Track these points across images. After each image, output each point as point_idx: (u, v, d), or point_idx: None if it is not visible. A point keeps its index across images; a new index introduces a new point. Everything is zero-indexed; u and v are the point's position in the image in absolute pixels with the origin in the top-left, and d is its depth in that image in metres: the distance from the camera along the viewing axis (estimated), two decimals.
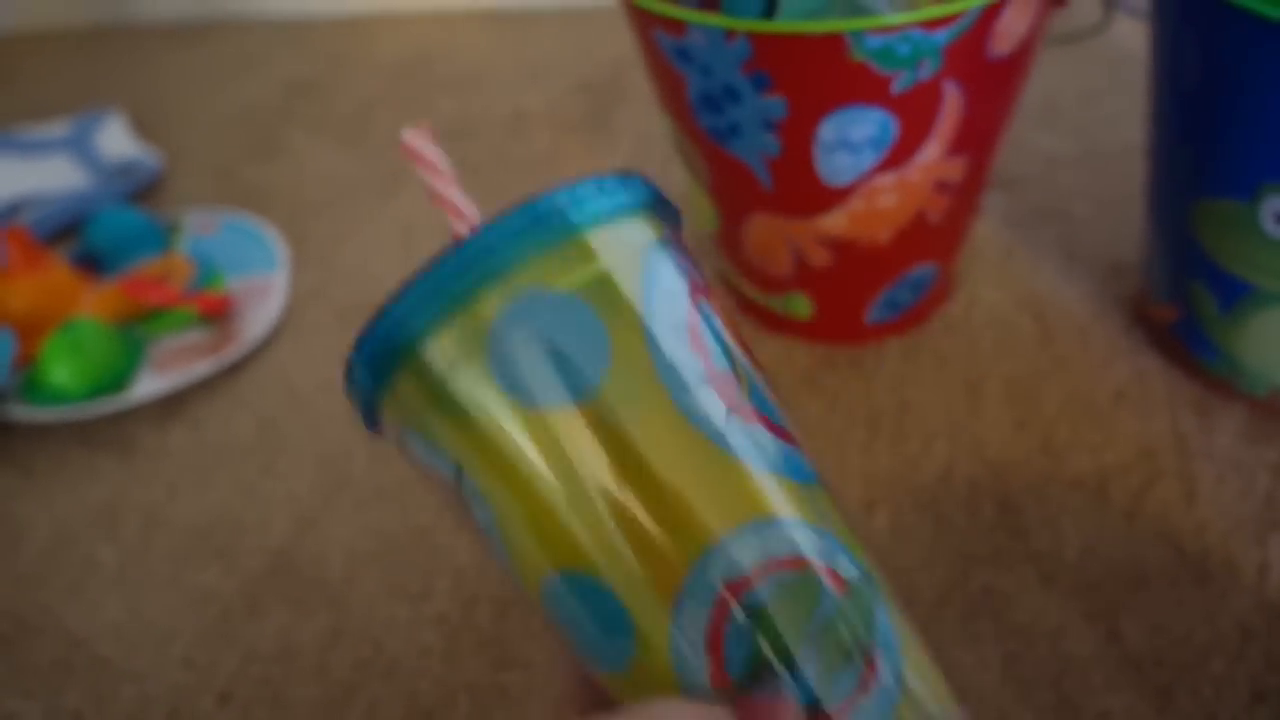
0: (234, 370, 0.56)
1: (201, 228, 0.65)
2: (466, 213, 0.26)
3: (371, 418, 0.25)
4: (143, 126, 0.79)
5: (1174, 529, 0.41)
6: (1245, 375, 0.43)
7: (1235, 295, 0.41)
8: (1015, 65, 0.39)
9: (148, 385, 0.54)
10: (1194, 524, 0.41)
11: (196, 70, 0.87)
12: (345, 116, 0.77)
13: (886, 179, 0.41)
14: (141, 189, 0.72)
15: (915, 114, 0.38)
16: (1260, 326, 0.41)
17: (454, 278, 0.22)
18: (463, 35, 0.85)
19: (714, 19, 0.36)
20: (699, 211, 0.50)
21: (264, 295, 0.60)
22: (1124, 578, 0.40)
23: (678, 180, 0.62)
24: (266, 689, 0.42)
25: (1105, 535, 0.41)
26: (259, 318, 0.58)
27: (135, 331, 0.57)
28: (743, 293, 0.52)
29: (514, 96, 0.75)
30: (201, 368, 0.55)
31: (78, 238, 0.65)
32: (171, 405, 0.55)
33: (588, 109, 0.72)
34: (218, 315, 0.58)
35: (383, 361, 0.23)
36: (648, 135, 0.68)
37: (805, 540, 0.22)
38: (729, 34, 0.36)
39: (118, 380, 0.55)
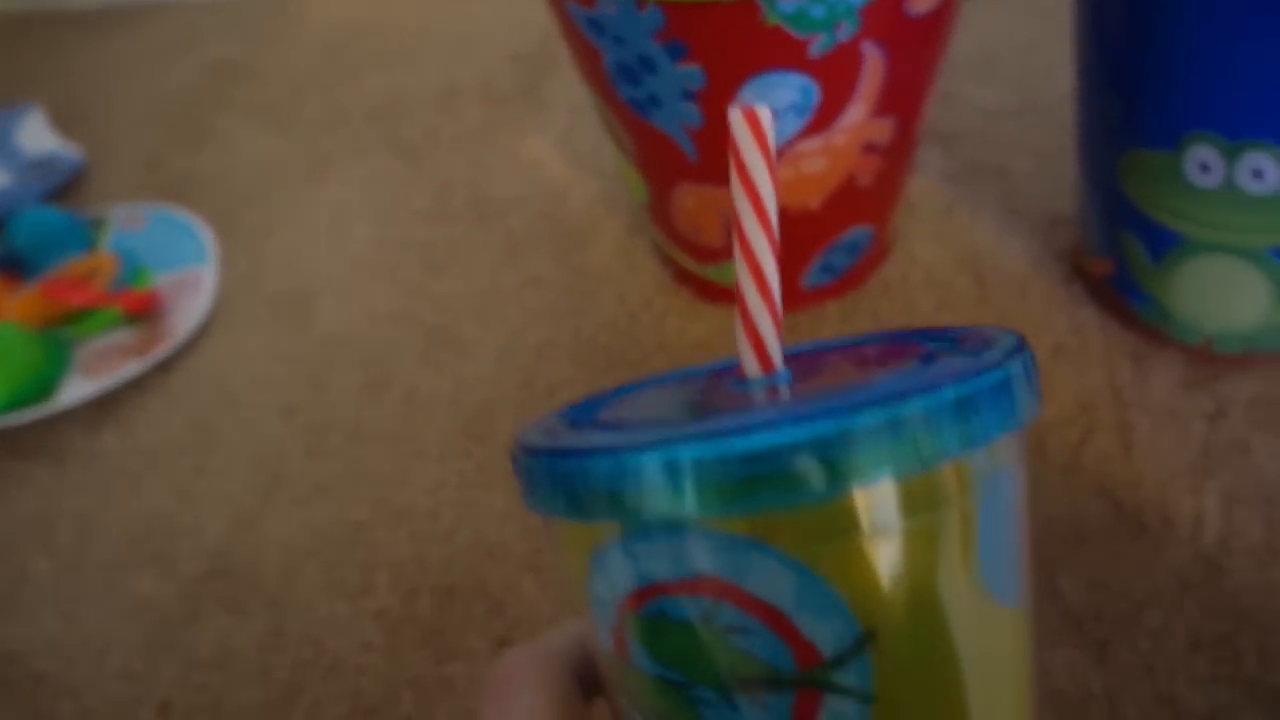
0: (164, 369, 0.55)
1: (127, 222, 0.63)
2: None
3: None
4: (63, 119, 0.76)
5: (1111, 482, 0.41)
6: (1178, 324, 0.43)
7: (1165, 245, 0.41)
8: (936, 22, 0.38)
9: (76, 390, 0.53)
10: (1131, 476, 0.41)
11: (118, 57, 0.84)
12: (274, 98, 0.75)
13: (812, 144, 0.40)
14: (64, 185, 0.70)
15: (836, 77, 0.37)
16: (1190, 275, 0.41)
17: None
18: (391, 8, 0.82)
19: None
20: (629, 183, 0.49)
21: (193, 289, 0.58)
22: (1062, 534, 0.40)
23: (612, 153, 0.61)
24: (207, 696, 0.41)
25: (1044, 491, 0.41)
26: (188, 313, 0.56)
27: (60, 335, 0.56)
28: (679, 263, 0.51)
29: (446, 70, 0.73)
30: (131, 368, 0.53)
31: None
32: (102, 409, 0.53)
33: (520, 80, 0.71)
34: (145, 313, 0.57)
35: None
36: (582, 106, 0.67)
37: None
38: (640, 3, 0.35)
39: (44, 386, 0.53)
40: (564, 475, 0.17)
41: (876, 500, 0.16)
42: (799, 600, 0.16)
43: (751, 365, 0.20)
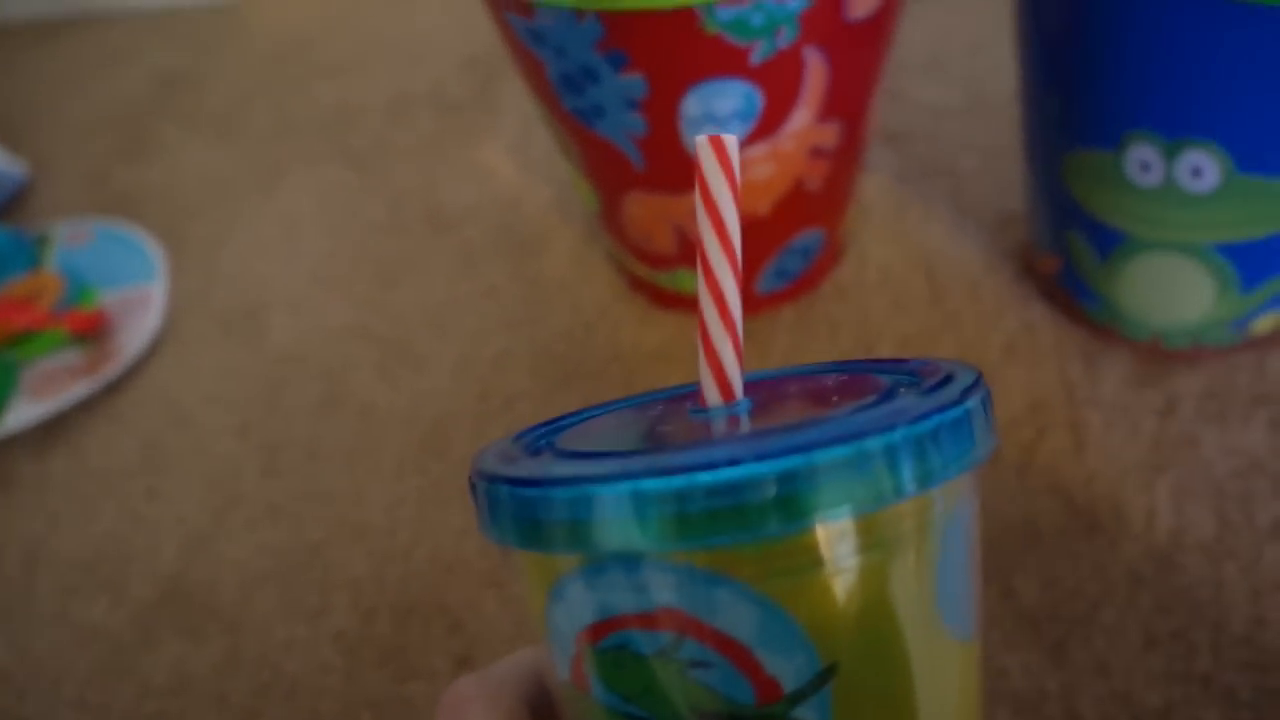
0: (114, 389, 0.54)
1: (72, 239, 0.62)
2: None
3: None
4: (4, 133, 0.75)
5: (1064, 481, 0.41)
6: (1127, 321, 0.44)
7: (1110, 244, 0.41)
8: (877, 26, 0.38)
9: (22, 413, 0.52)
10: (1084, 474, 0.41)
11: (59, 69, 0.82)
12: (220, 109, 0.73)
13: (758, 150, 0.40)
14: (5, 202, 0.68)
15: (779, 83, 0.37)
16: (1136, 273, 0.41)
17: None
18: (340, 15, 0.81)
19: (561, 0, 0.34)
20: (580, 192, 0.48)
21: (142, 307, 0.57)
22: (1017, 534, 0.40)
23: (562, 161, 0.61)
24: None
25: (999, 493, 0.41)
26: (137, 332, 0.55)
27: (5, 357, 0.55)
28: (632, 271, 0.51)
29: (396, 78, 0.73)
30: (78, 390, 0.52)
31: None
32: (49, 432, 0.52)
33: (472, 88, 0.70)
34: (92, 333, 0.56)
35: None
36: (534, 113, 0.66)
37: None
38: (578, 14, 0.34)
39: None
40: (524, 504, 0.17)
41: (838, 535, 0.16)
42: (761, 634, 0.16)
43: (712, 394, 0.20)
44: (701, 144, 0.19)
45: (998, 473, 0.42)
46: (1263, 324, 0.42)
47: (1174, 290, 0.41)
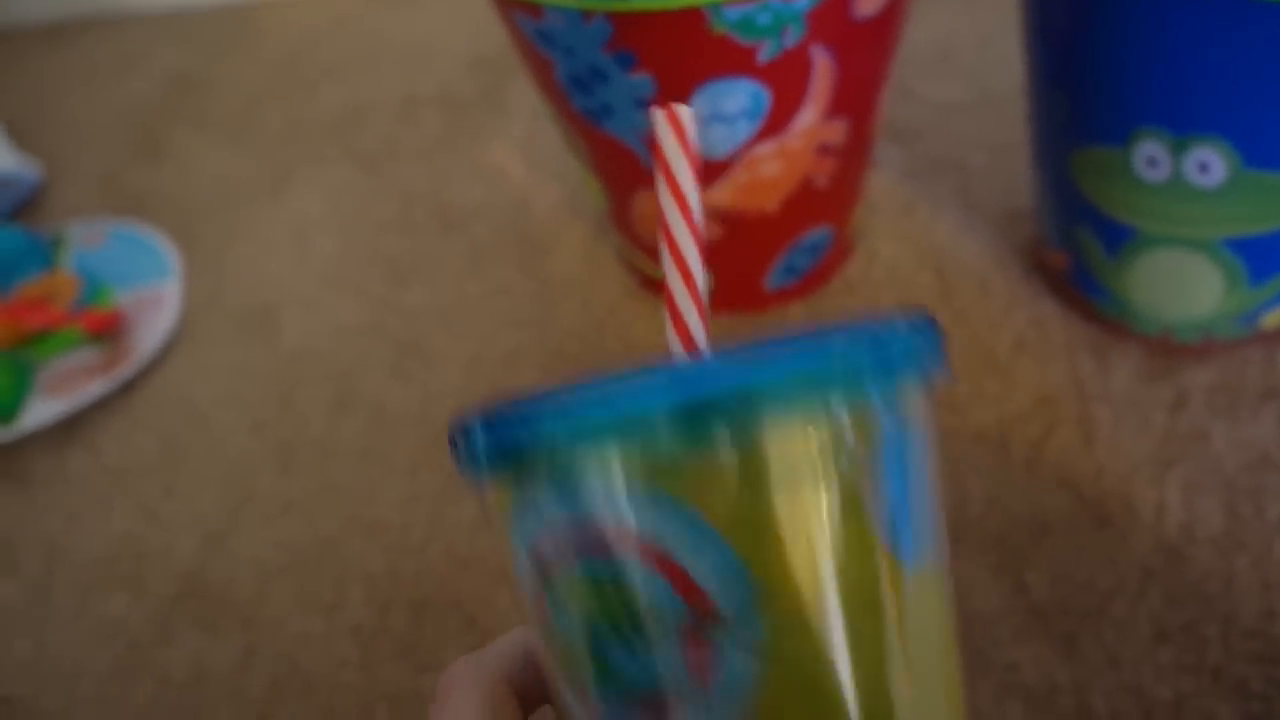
0: (129, 388, 0.54)
1: (87, 240, 0.63)
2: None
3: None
4: (18, 135, 0.75)
5: (1074, 475, 0.41)
6: (1137, 317, 0.44)
7: (1120, 240, 0.41)
8: (884, 24, 0.39)
9: (40, 412, 0.52)
10: (1093, 468, 0.41)
11: (72, 72, 0.83)
12: (230, 111, 0.74)
13: (766, 148, 0.40)
14: (21, 203, 0.69)
15: (786, 82, 0.38)
16: (1146, 268, 0.41)
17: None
18: (348, 17, 0.82)
19: (568, 0, 0.34)
20: (590, 190, 0.48)
21: (156, 307, 0.57)
22: (1027, 529, 0.40)
23: (571, 160, 0.61)
24: (181, 717, 0.41)
25: (1008, 487, 0.41)
26: (152, 331, 0.56)
27: (22, 356, 0.55)
28: (642, 269, 0.51)
29: (404, 79, 0.73)
30: (95, 389, 0.53)
31: None
32: (66, 430, 0.53)
33: (480, 88, 0.71)
34: (108, 332, 0.56)
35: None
36: (543, 112, 0.66)
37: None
38: (586, 14, 0.35)
39: (7, 409, 0.52)
40: (490, 427, 0.18)
41: (775, 451, 0.17)
42: (695, 551, 0.17)
43: (676, 346, 0.21)
44: (657, 116, 0.20)
45: (1007, 467, 0.42)
46: (1272, 318, 0.42)
47: (1183, 285, 0.41)
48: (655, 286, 0.51)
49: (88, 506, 0.50)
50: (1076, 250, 0.44)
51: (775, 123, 0.39)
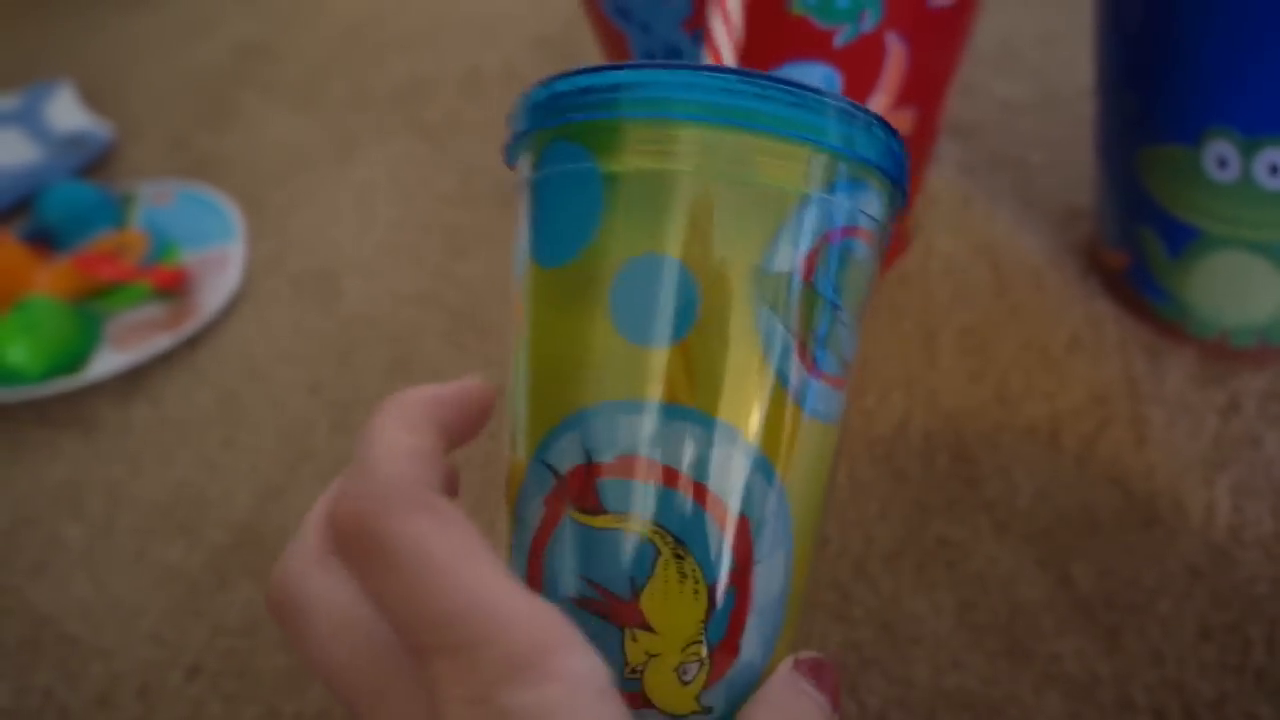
0: (193, 344, 0.56)
1: (155, 199, 0.64)
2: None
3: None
4: (92, 96, 0.77)
5: (1124, 473, 0.41)
6: (1195, 319, 0.44)
7: (1183, 240, 0.41)
8: (959, 14, 0.39)
9: (106, 362, 0.54)
10: (1144, 467, 0.42)
11: (145, 36, 0.85)
12: (298, 79, 0.75)
13: None
14: (93, 161, 0.71)
15: (859, 67, 0.38)
16: (1208, 270, 0.41)
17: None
18: None
19: None
20: None
21: (221, 267, 0.59)
22: (1075, 523, 0.40)
23: None
24: (234, 661, 0.42)
25: (1057, 481, 0.42)
26: (216, 290, 0.57)
27: (92, 308, 0.57)
28: None
29: (469, 54, 0.74)
30: (160, 342, 0.54)
31: (29, 214, 0.64)
32: (131, 381, 0.55)
33: (544, 65, 0.71)
34: (174, 289, 0.58)
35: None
36: None
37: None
38: None
39: (76, 358, 0.54)
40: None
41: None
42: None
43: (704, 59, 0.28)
44: None
45: (1058, 462, 0.42)
46: None
47: (1244, 288, 0.41)
48: None
49: (149, 455, 0.51)
50: (1137, 250, 0.44)
51: None
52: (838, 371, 0.23)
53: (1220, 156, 0.37)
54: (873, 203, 0.23)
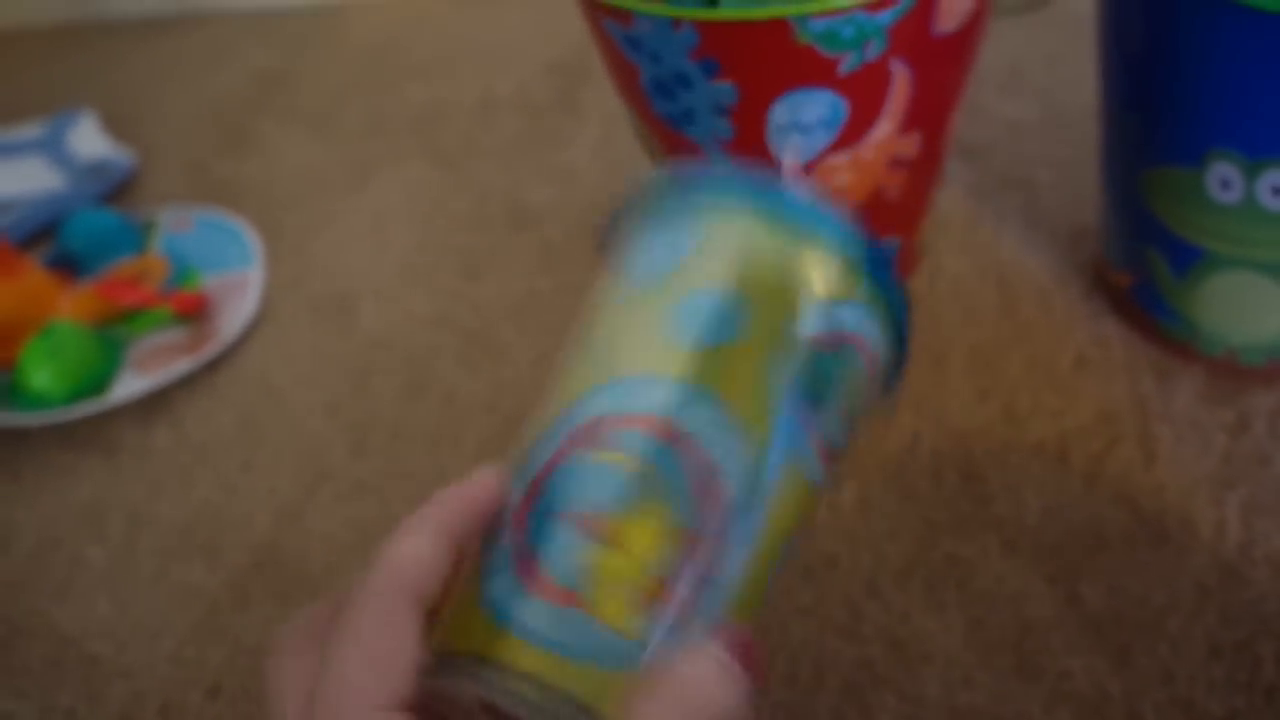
0: (213, 367, 0.57)
1: (176, 225, 0.66)
2: None
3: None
4: (114, 124, 0.79)
5: (1133, 491, 0.42)
6: (1202, 337, 0.44)
7: (1188, 260, 0.42)
8: (963, 41, 0.40)
9: (128, 386, 0.55)
10: (1153, 485, 0.42)
11: (165, 65, 0.86)
12: (315, 106, 0.77)
13: (840, 158, 0.41)
14: (115, 188, 0.72)
15: (865, 94, 0.39)
16: (1213, 290, 0.42)
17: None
18: (431, 19, 0.84)
19: (659, 8, 0.36)
20: None
21: (240, 291, 0.60)
22: (1084, 541, 0.41)
23: (645, 162, 0.63)
24: (255, 681, 0.43)
25: (1065, 500, 0.42)
26: (236, 314, 0.58)
27: (114, 333, 0.58)
28: None
29: (483, 80, 0.75)
30: (181, 366, 0.55)
31: (53, 241, 0.65)
32: (152, 405, 0.56)
33: (556, 91, 0.73)
34: (195, 313, 0.59)
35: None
36: (616, 116, 0.68)
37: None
38: (675, 22, 0.36)
39: (98, 382, 0.55)
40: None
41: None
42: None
43: None
44: None
45: (1066, 480, 0.42)
46: None
47: (1251, 307, 0.41)
48: None
49: (170, 477, 0.52)
50: (1143, 270, 0.44)
51: (851, 134, 0.40)
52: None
53: (1223, 178, 0.38)
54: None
